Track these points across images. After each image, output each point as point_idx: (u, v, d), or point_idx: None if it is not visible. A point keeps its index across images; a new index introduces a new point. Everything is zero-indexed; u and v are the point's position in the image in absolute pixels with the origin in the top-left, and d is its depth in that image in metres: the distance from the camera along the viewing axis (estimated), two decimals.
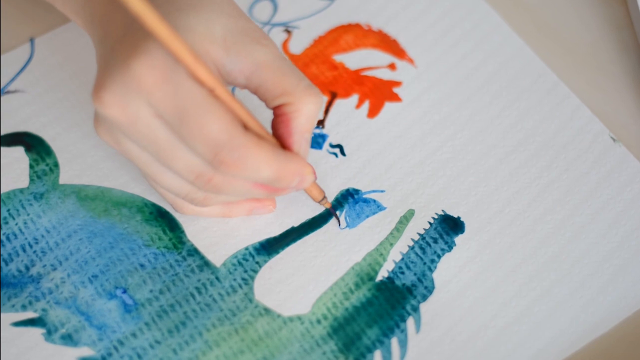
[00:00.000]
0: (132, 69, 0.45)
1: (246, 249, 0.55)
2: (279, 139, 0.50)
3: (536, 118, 0.59)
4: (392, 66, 0.61)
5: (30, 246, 0.54)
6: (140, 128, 0.46)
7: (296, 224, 0.56)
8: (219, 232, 0.55)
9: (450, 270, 0.54)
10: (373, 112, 0.59)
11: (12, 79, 0.59)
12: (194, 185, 0.49)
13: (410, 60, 0.61)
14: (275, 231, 0.55)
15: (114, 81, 0.46)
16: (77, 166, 0.57)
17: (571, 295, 0.53)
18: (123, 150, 0.49)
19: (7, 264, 0.54)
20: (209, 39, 0.47)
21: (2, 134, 0.58)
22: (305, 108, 0.49)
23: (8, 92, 0.59)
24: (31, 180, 0.57)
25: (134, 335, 0.52)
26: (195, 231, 0.55)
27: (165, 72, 0.45)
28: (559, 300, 0.53)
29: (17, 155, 0.57)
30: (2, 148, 0.57)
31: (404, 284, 0.54)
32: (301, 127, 0.49)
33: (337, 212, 0.56)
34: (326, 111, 0.59)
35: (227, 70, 0.48)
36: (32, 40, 0.61)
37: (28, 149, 0.58)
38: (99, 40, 0.50)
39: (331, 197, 0.56)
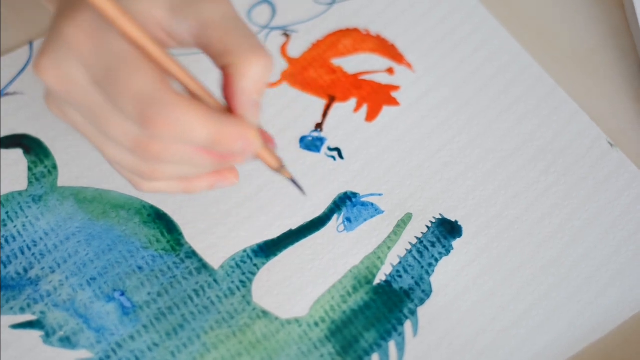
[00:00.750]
0: (61, 31, 0.44)
1: (244, 251, 0.55)
2: (228, 103, 0.46)
3: (534, 122, 0.59)
4: (390, 70, 0.61)
5: (29, 248, 0.54)
6: (75, 93, 0.45)
7: (294, 226, 0.56)
8: (217, 234, 0.55)
9: (448, 274, 0.54)
10: (371, 116, 0.59)
11: (11, 81, 0.59)
12: (135, 154, 0.46)
13: (409, 65, 0.61)
14: (274, 233, 0.55)
15: (48, 47, 0.45)
16: (75, 168, 0.57)
17: (569, 299, 0.53)
18: (70, 121, 0.48)
19: (5, 267, 0.54)
20: (152, 1, 0.46)
21: (1, 136, 0.58)
22: (250, 69, 0.45)
23: (7, 94, 0.59)
24: (30, 182, 0.57)
25: (132, 337, 0.52)
26: (194, 233, 0.55)
27: (93, 30, 0.44)
28: (557, 304, 0.53)
29: (15, 158, 0.57)
30: (1, 150, 0.57)
31: (401, 288, 0.54)
32: (246, 89, 0.45)
33: (340, 211, 0.56)
34: (324, 115, 0.59)
35: (174, 31, 0.46)
36: (30, 44, 0.61)
37: (27, 152, 0.58)
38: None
39: (329, 200, 0.56)
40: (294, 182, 0.50)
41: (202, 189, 0.50)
